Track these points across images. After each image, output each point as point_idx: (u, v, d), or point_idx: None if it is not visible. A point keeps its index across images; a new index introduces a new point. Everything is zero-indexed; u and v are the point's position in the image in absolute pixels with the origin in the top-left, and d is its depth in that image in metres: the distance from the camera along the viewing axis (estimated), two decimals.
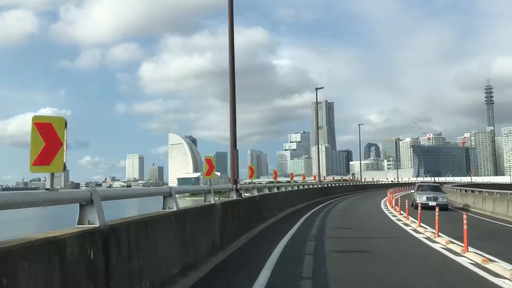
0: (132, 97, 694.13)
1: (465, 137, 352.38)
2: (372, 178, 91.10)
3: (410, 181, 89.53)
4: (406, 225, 15.17)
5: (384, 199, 30.74)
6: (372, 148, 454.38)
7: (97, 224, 4.25)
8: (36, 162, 3.67)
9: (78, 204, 4.33)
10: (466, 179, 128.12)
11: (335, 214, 20.76)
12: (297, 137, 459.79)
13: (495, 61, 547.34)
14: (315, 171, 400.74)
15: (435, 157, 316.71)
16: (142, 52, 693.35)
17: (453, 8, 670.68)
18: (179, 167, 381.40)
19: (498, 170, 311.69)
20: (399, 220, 17.17)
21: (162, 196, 6.80)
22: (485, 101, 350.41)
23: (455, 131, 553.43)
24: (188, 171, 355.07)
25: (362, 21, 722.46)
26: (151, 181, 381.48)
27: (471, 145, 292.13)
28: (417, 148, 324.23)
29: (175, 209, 6.70)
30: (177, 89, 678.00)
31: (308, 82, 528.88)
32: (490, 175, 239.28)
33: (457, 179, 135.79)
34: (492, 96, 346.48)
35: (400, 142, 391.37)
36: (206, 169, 10.00)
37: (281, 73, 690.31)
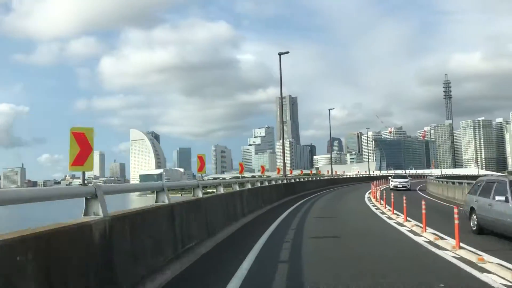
0: (93, 93, 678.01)
1: (425, 131, 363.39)
2: (343, 171, 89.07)
3: (381, 174, 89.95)
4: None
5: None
6: (335, 143, 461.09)
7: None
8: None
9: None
10: (427, 171, 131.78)
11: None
12: (261, 132, 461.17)
13: (452, 57, 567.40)
14: (280, 166, 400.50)
15: (397, 151, 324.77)
16: (102, 46, 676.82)
17: (412, 4, 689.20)
18: (141, 163, 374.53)
19: (456, 162, 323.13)
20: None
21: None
22: (444, 95, 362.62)
23: (415, 125, 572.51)
24: (150, 168, 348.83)
25: (324, 16, 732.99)
26: (112, 178, 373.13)
27: (430, 139, 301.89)
28: (379, 142, 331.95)
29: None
30: (139, 84, 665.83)
31: (271, 77, 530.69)
32: (449, 168, 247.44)
33: (420, 171, 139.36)
34: (450, 91, 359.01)
35: (362, 136, 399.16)
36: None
37: (245, 68, 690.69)
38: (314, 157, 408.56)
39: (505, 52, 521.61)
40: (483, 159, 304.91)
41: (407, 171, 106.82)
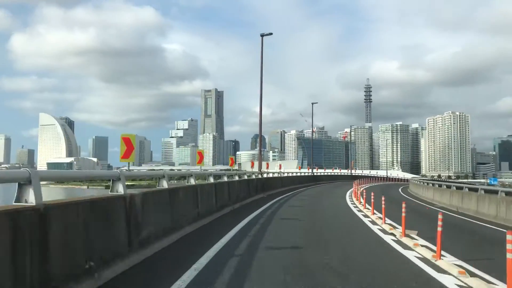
0: (1, 71, 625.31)
1: (346, 132, 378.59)
2: (280, 166, 76.66)
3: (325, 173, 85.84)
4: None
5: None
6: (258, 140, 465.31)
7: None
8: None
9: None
10: (359, 171, 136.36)
11: None
12: (184, 124, 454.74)
13: (373, 63, 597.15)
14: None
15: (318, 150, 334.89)
16: (13, 22, 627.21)
17: (339, 10, 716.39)
18: (51, 150, 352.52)
19: (373, 164, 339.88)
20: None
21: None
22: (364, 99, 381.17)
23: (335, 127, 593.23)
24: (61, 155, 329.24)
25: (254, 13, 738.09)
26: (17, 165, 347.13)
27: (350, 140, 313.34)
28: (302, 140, 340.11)
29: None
30: (55, 66, 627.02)
31: (198, 69, 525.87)
32: (367, 169, 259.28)
33: (344, 171, 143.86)
34: (371, 95, 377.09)
35: (285, 134, 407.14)
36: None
37: (171, 58, 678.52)
38: (237, 152, 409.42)
39: (419, 63, 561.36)
40: (399, 162, 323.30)
41: (330, 170, 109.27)
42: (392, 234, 10.86)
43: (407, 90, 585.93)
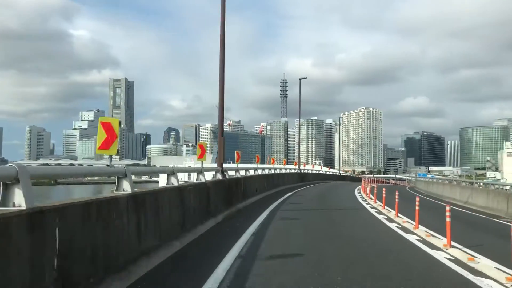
0: None
1: (262, 126, 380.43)
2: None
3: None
4: None
5: None
6: (172, 133, 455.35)
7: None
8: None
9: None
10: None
11: None
12: (89, 115, 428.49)
13: (288, 60, 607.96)
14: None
15: (234, 144, 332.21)
16: None
17: (257, 5, 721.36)
18: None
19: (288, 159, 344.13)
20: None
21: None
22: (280, 94, 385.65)
23: (251, 122, 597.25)
24: None
25: (171, 2, 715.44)
26: None
27: (267, 134, 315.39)
28: (217, 134, 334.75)
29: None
30: None
31: (108, 58, 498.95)
32: (281, 163, 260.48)
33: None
34: (287, 90, 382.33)
35: (200, 128, 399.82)
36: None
37: (78, 45, 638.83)
38: (148, 146, 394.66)
39: (332, 61, 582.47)
40: (314, 157, 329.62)
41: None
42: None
43: (321, 88, 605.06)
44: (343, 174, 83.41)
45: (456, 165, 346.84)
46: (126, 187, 6.30)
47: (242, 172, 18.92)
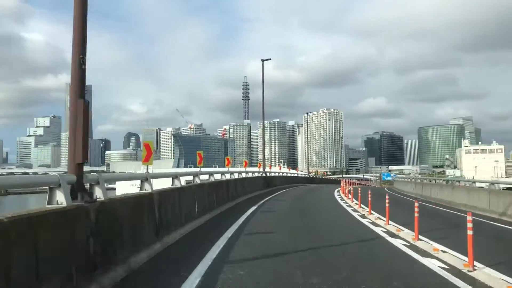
0: None
1: (225, 129, 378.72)
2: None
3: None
4: None
5: None
6: (132, 138, 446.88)
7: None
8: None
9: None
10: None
11: None
12: (45, 121, 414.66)
13: (249, 63, 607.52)
14: (64, 161, 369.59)
15: (196, 148, 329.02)
16: None
17: (216, 7, 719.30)
18: None
19: (252, 162, 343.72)
20: None
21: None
22: (242, 96, 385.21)
23: (213, 125, 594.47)
24: None
25: (129, 5, 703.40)
26: None
27: (229, 137, 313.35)
28: (178, 137, 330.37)
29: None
30: None
31: (64, 62, 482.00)
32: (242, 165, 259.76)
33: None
34: (248, 93, 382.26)
35: (161, 132, 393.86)
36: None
37: (32, 49, 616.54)
38: (107, 152, 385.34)
39: (293, 63, 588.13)
40: (277, 159, 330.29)
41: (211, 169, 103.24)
42: None
43: (283, 90, 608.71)
44: (312, 176, 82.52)
45: (415, 163, 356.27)
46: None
47: (184, 181, 12.88)
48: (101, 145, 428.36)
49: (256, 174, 32.42)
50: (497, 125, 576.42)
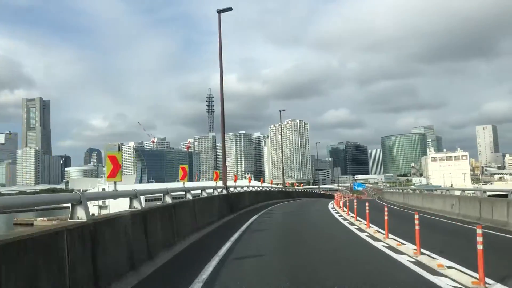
0: None
1: (189, 142, 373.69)
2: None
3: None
4: None
5: None
6: (94, 154, 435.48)
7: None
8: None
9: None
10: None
11: None
12: (0, 138, 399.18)
13: (214, 76, 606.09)
14: (20, 179, 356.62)
15: (159, 162, 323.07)
16: None
17: (178, 20, 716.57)
18: None
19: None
20: None
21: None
22: (207, 109, 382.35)
23: (177, 139, 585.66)
24: None
25: (89, 18, 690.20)
26: None
27: (194, 150, 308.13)
28: (140, 152, 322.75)
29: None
30: None
31: (21, 77, 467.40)
32: (211, 180, 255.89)
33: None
34: (213, 105, 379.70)
35: (123, 147, 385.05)
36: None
37: None
38: (66, 169, 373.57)
39: (257, 76, 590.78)
40: (244, 172, 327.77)
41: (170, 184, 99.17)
42: None
43: (247, 102, 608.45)
44: (288, 190, 65.98)
45: (380, 172, 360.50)
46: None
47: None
48: (61, 162, 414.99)
49: (213, 192, 19.84)
50: (456, 133, 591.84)
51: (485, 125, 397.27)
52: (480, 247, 6.59)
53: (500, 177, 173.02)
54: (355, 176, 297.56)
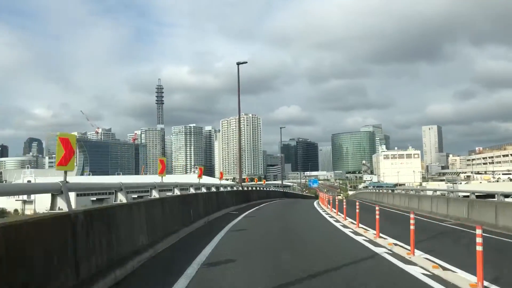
0: None
1: (136, 134, 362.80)
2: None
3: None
4: None
5: None
6: (34, 144, 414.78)
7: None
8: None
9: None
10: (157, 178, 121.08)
11: None
12: None
13: (164, 67, 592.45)
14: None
15: (103, 154, 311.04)
16: None
17: (129, 10, 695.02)
18: None
19: (168, 168, 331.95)
20: None
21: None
22: (156, 100, 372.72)
23: (124, 131, 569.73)
24: None
25: (34, 3, 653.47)
26: None
27: (141, 143, 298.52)
28: (83, 143, 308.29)
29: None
30: None
31: None
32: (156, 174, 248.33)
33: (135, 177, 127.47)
34: (163, 96, 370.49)
35: None
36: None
37: None
38: (2, 159, 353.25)
39: (209, 69, 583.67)
40: (193, 166, 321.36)
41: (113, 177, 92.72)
42: None
43: (199, 96, 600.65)
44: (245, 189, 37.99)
45: (329, 169, 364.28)
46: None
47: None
48: None
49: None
50: (402, 133, 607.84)
51: (430, 125, 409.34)
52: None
53: (468, 176, 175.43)
54: (305, 173, 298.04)
